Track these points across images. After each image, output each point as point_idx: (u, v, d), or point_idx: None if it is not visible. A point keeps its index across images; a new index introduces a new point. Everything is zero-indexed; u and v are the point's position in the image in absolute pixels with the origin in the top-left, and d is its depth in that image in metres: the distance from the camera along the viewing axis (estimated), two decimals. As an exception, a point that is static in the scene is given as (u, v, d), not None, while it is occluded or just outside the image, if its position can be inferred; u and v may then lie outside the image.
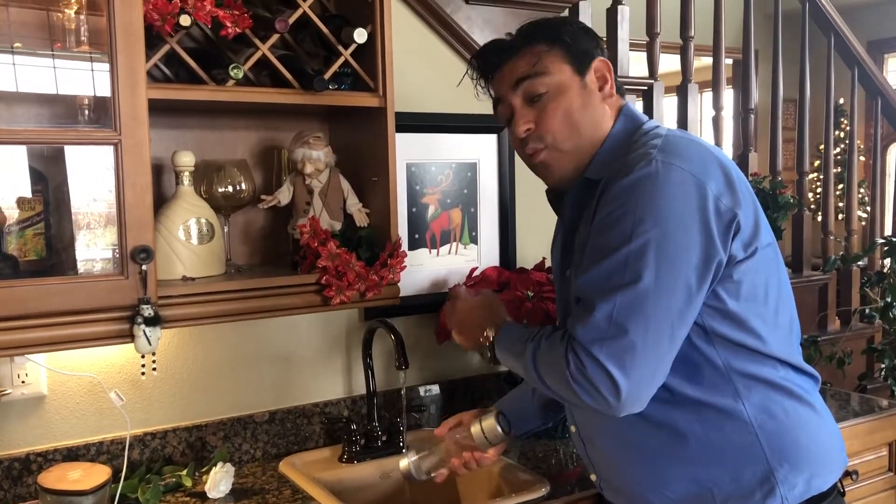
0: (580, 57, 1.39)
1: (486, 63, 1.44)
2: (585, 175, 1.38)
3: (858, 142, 4.37)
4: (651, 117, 1.69)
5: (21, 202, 1.51)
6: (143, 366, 1.55)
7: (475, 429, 1.54)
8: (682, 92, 3.00)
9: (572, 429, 1.50)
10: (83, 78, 1.54)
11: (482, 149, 2.26)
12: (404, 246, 1.83)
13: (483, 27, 2.21)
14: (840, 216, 5.16)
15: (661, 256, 1.22)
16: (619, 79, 1.46)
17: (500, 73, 1.42)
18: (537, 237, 2.35)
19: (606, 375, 1.21)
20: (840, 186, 5.24)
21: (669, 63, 3.49)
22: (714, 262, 1.25)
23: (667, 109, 3.01)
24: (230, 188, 1.77)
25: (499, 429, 1.53)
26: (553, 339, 1.30)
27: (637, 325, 1.21)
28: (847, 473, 1.44)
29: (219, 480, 1.69)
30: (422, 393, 2.16)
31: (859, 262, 3.50)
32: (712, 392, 1.31)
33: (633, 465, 1.39)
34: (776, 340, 1.35)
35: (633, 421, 1.31)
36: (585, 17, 2.49)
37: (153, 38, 1.50)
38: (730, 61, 5.27)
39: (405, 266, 1.78)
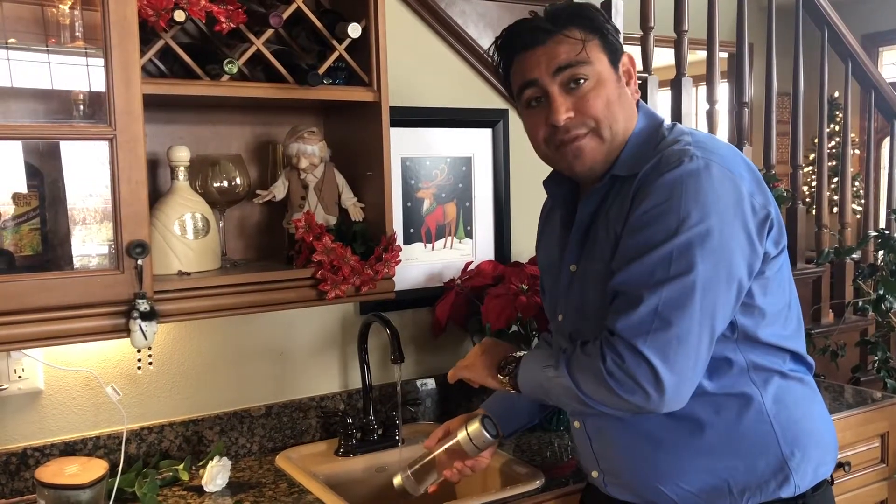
0: (613, 50, 1.37)
1: (518, 43, 1.37)
2: (613, 172, 1.35)
3: (852, 135, 4.39)
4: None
5: (16, 197, 1.51)
6: (140, 360, 1.56)
7: (462, 436, 1.53)
8: (676, 86, 3.00)
9: (576, 424, 1.47)
10: (78, 73, 1.54)
11: (477, 143, 2.26)
12: (399, 240, 1.83)
13: (477, 21, 2.21)
14: (834, 209, 5.17)
15: (707, 252, 1.21)
16: None
17: (533, 56, 1.34)
18: (532, 231, 2.32)
19: (649, 368, 1.20)
20: (834, 180, 5.25)
21: (663, 57, 3.49)
22: (753, 258, 1.27)
23: (661, 103, 3.01)
24: (225, 183, 1.77)
25: (485, 433, 1.52)
26: (588, 344, 1.29)
27: (682, 318, 1.21)
28: (839, 465, 1.46)
29: (215, 474, 1.70)
30: (417, 387, 2.18)
31: (853, 255, 3.50)
32: (731, 385, 1.32)
33: (649, 458, 1.37)
34: (790, 333, 1.37)
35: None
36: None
37: (148, 34, 1.50)
38: (724, 55, 5.27)
39: (400, 260, 1.79)
